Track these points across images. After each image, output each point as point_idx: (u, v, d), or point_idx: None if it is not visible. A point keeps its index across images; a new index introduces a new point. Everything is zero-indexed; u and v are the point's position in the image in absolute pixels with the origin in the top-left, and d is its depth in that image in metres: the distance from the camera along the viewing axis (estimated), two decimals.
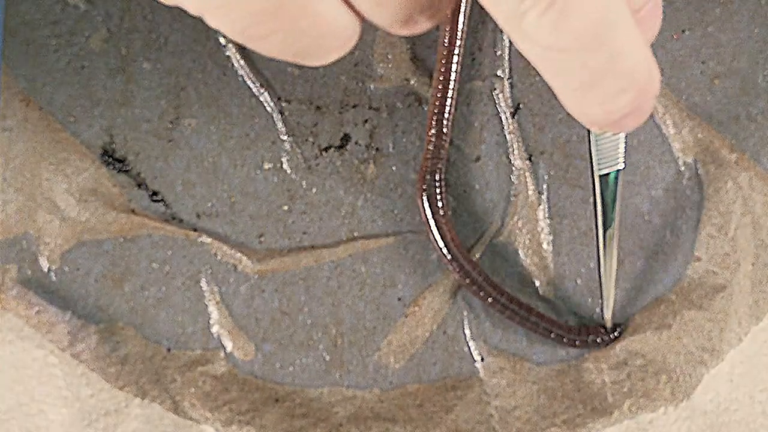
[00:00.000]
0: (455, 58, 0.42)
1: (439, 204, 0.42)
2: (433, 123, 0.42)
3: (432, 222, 0.42)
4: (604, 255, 0.42)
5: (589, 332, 0.43)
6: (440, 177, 0.42)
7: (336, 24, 0.29)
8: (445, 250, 0.42)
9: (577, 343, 0.43)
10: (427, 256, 0.43)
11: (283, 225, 0.43)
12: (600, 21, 0.27)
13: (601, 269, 0.42)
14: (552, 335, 0.42)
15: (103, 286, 0.43)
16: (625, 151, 0.40)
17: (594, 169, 0.41)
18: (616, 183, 0.41)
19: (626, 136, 0.41)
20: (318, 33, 0.28)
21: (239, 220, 0.43)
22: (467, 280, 0.42)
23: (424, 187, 0.42)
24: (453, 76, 0.42)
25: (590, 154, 0.41)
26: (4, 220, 0.42)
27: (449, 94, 0.42)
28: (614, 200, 0.41)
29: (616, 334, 0.43)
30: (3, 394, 0.43)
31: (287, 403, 0.43)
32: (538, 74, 0.43)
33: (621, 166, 0.40)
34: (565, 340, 0.43)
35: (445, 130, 0.42)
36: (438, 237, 0.42)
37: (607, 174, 0.41)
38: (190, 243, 0.43)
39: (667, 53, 0.44)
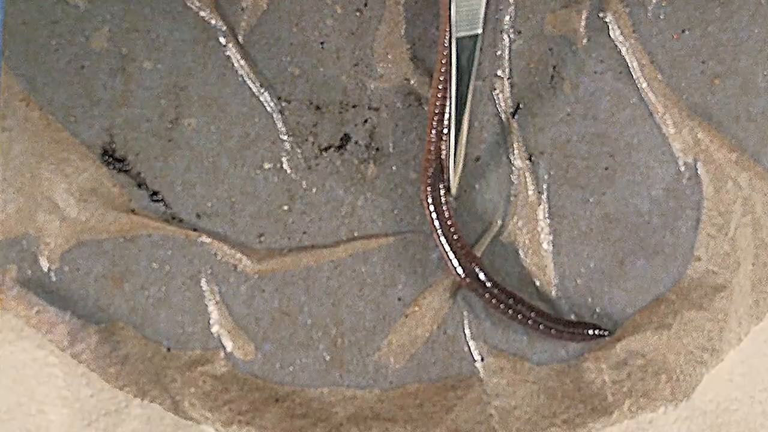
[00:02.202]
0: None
1: (443, 205, 0.42)
2: (434, 123, 0.42)
3: (437, 223, 0.42)
4: (456, 119, 0.41)
5: (587, 326, 0.43)
6: (443, 178, 0.42)
7: None
8: (450, 253, 0.42)
9: (576, 335, 0.43)
10: (427, 256, 0.43)
11: (283, 225, 0.43)
12: None
13: (451, 134, 0.42)
14: (552, 332, 0.43)
15: (103, 286, 0.43)
16: (484, 16, 0.40)
17: (452, 31, 0.40)
18: (473, 48, 0.40)
19: (487, 2, 0.40)
20: None
21: (239, 220, 0.43)
22: (467, 282, 0.42)
23: (428, 190, 0.42)
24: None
25: (449, 15, 0.40)
26: (4, 220, 0.42)
27: (449, 94, 0.42)
28: (471, 65, 0.41)
29: (606, 332, 0.43)
30: (3, 394, 0.43)
31: (287, 403, 0.43)
32: (538, 74, 0.43)
33: (479, 30, 0.40)
34: (565, 334, 0.43)
35: (445, 130, 0.42)
36: (442, 238, 0.42)
37: (465, 37, 0.40)
38: (190, 243, 0.43)
39: (667, 53, 0.44)
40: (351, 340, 0.43)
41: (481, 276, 0.42)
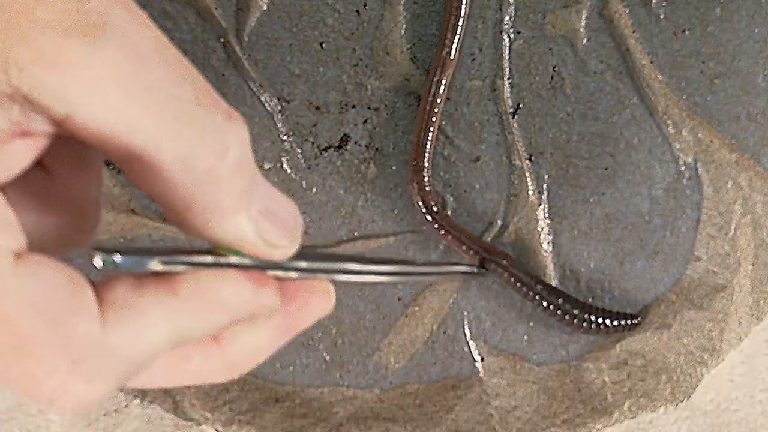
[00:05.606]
0: (453, 62, 0.42)
1: (432, 202, 0.42)
2: (423, 123, 0.42)
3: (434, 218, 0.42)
4: None
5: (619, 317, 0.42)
6: (429, 173, 0.42)
7: None
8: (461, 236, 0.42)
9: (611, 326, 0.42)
10: (427, 256, 0.43)
11: None
12: None
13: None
14: (584, 324, 0.42)
15: None
16: None
17: None
18: None
19: None
20: None
21: None
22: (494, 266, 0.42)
23: (418, 187, 0.42)
24: (446, 79, 0.42)
25: None
26: None
27: (441, 90, 0.42)
28: None
29: (635, 321, 0.42)
30: (3, 394, 0.43)
31: (287, 403, 0.43)
32: (538, 74, 0.43)
33: None
34: (595, 327, 0.42)
35: (432, 128, 0.42)
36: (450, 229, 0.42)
37: None
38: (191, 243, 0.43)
39: (667, 53, 0.44)
40: (351, 340, 0.43)
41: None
